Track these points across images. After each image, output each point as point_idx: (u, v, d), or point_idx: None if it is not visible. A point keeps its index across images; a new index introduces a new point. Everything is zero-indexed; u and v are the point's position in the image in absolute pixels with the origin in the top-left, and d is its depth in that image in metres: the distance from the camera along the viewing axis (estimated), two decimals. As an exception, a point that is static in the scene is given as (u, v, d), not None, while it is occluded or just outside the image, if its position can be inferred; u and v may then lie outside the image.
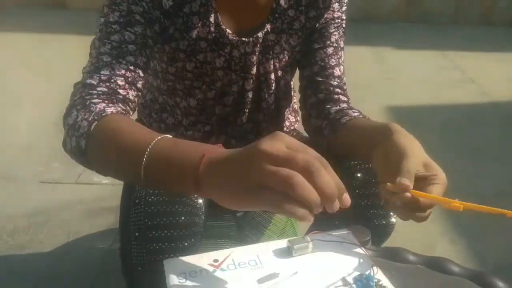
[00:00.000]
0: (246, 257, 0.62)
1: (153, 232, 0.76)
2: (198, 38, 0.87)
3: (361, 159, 0.86)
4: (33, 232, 1.69)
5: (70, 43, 3.63)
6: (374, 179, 0.85)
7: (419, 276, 0.70)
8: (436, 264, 0.73)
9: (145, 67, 0.83)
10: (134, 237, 0.77)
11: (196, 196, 0.85)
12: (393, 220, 0.91)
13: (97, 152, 0.70)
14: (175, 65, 0.90)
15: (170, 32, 0.85)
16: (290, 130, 1.14)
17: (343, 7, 0.97)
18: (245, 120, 1.01)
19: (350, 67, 1.00)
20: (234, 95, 0.97)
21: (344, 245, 0.66)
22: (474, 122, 2.80)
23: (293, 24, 0.93)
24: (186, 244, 0.77)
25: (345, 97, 0.98)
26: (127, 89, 0.79)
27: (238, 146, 1.14)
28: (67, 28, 3.94)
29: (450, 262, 0.74)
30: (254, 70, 0.95)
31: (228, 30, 0.88)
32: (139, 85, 0.82)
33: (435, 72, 3.62)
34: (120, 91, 0.78)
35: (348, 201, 0.51)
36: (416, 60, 3.83)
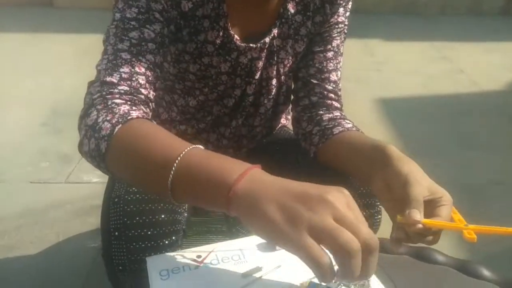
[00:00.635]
0: (229, 252, 0.62)
1: (133, 231, 0.75)
2: (206, 41, 0.86)
3: (356, 178, 0.84)
4: (23, 233, 1.68)
5: (58, 42, 3.61)
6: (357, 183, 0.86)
7: (404, 266, 0.71)
8: (421, 254, 0.74)
9: (161, 67, 0.81)
10: (114, 237, 0.76)
11: None
12: (379, 217, 0.92)
13: (119, 158, 0.66)
14: (178, 67, 0.88)
15: (183, 34, 0.83)
16: (279, 127, 1.13)
17: (347, 12, 0.96)
18: (240, 123, 1.01)
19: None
20: (236, 99, 0.97)
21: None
22: (464, 112, 2.81)
23: (300, 30, 0.92)
24: (167, 243, 0.76)
25: (339, 104, 0.97)
26: (148, 89, 0.76)
27: (229, 147, 1.12)
28: (54, 27, 3.91)
29: (435, 252, 0.75)
30: (258, 75, 0.94)
31: (236, 36, 0.87)
32: (157, 85, 0.79)
33: (424, 63, 3.63)
34: (142, 90, 0.75)
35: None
36: (405, 51, 3.84)
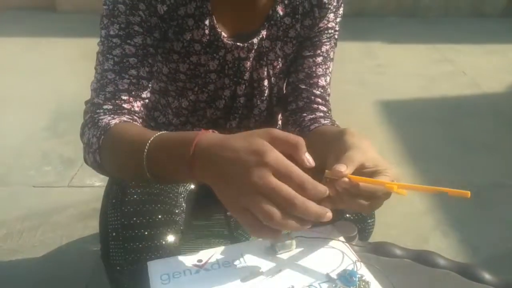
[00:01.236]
0: (230, 257, 0.62)
1: (130, 232, 0.78)
2: (192, 40, 0.87)
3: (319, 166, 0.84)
4: (26, 236, 1.68)
5: (60, 46, 3.62)
6: None
7: (405, 270, 0.70)
8: (423, 258, 0.74)
9: (149, 76, 0.84)
10: (112, 237, 0.78)
11: (176, 195, 0.86)
12: (372, 220, 0.92)
13: (109, 161, 0.74)
14: (169, 66, 0.90)
15: (169, 35, 0.85)
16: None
17: (338, 18, 0.96)
18: (235, 125, 1.01)
19: (341, 63, 1.00)
20: (226, 100, 0.97)
21: (328, 241, 0.66)
22: (466, 114, 2.81)
23: (289, 32, 0.92)
24: (164, 243, 0.78)
25: (325, 108, 0.97)
26: (132, 102, 0.82)
27: None
28: (57, 31, 3.92)
29: (437, 255, 0.74)
30: (247, 76, 0.95)
31: (224, 34, 0.88)
32: (144, 95, 0.83)
33: (426, 66, 3.63)
34: (125, 106, 0.81)
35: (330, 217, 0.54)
36: (407, 54, 3.84)
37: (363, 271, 0.60)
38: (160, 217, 0.80)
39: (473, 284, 0.69)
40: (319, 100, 0.96)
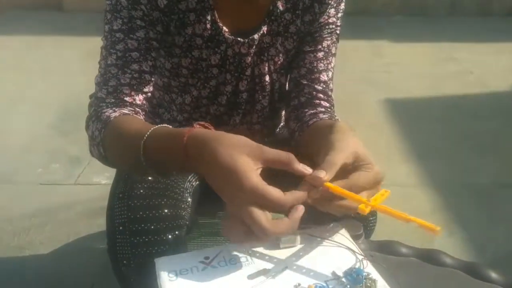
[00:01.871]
0: (237, 254, 0.62)
1: (136, 226, 0.78)
2: (194, 35, 0.87)
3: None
4: (33, 233, 1.70)
5: (67, 45, 3.64)
6: None
7: (412, 269, 0.71)
8: (429, 256, 0.74)
9: (152, 70, 0.86)
10: (118, 231, 0.79)
11: (182, 190, 0.86)
12: (374, 217, 0.92)
13: (111, 153, 0.78)
14: (171, 61, 0.90)
15: (171, 29, 0.86)
16: (282, 127, 1.14)
17: (339, 13, 0.95)
18: (239, 121, 1.01)
19: (347, 61, 1.00)
20: (228, 95, 0.97)
21: (334, 239, 0.66)
22: (472, 114, 2.79)
23: (289, 28, 0.93)
24: (170, 237, 0.79)
25: (328, 103, 0.96)
26: (133, 96, 0.83)
27: None
28: (63, 30, 3.94)
29: (443, 254, 0.74)
30: (249, 72, 0.95)
31: (225, 28, 0.88)
32: (147, 89, 0.85)
33: (433, 65, 3.61)
34: (126, 99, 0.83)
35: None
36: (414, 53, 3.82)
37: (370, 269, 0.60)
38: (167, 211, 0.81)
39: (480, 283, 0.69)
40: (321, 96, 0.96)
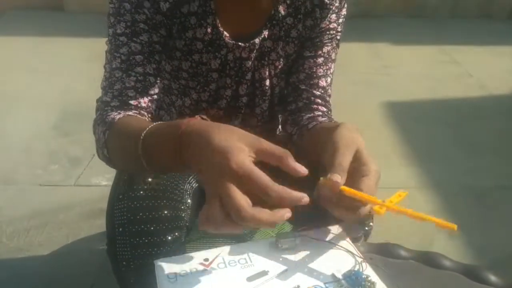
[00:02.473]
0: (236, 256, 0.62)
1: (136, 227, 0.79)
2: (195, 38, 0.88)
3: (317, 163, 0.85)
4: (33, 235, 1.70)
5: (68, 46, 3.64)
6: None
7: (411, 271, 0.71)
8: (428, 259, 0.74)
9: (156, 72, 0.85)
10: (118, 232, 0.79)
11: (181, 192, 0.87)
12: (370, 224, 0.92)
13: (113, 154, 0.78)
14: (171, 63, 0.91)
15: (173, 32, 0.87)
16: (279, 130, 1.14)
17: (340, 19, 0.95)
18: (238, 125, 1.01)
19: (348, 63, 1.00)
20: (228, 99, 0.97)
21: (334, 241, 0.66)
22: (472, 116, 2.80)
23: (290, 32, 0.92)
24: (170, 238, 0.79)
25: (325, 108, 0.96)
26: (138, 98, 0.83)
27: None
28: (65, 31, 3.94)
29: (442, 257, 0.74)
30: (249, 76, 0.95)
31: (226, 33, 0.88)
32: (152, 91, 0.85)
33: (433, 67, 3.61)
34: (131, 102, 0.82)
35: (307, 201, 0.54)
36: (414, 55, 3.82)
37: (369, 272, 0.60)
38: (166, 213, 0.81)
39: (479, 286, 0.69)
40: (319, 101, 0.96)
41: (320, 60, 0.96)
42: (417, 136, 2.52)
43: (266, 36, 0.91)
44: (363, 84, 3.11)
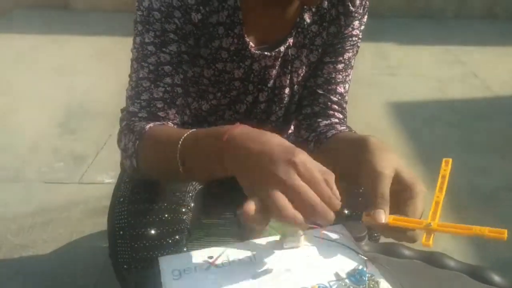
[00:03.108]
0: (241, 254, 0.62)
1: (136, 230, 0.78)
2: (220, 48, 0.86)
3: (343, 177, 0.85)
4: (37, 232, 1.70)
5: (73, 44, 3.65)
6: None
7: (415, 271, 0.70)
8: (432, 259, 0.74)
9: (184, 83, 0.84)
10: (119, 235, 0.79)
11: (183, 194, 0.86)
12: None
13: (144, 163, 0.77)
14: (193, 69, 0.89)
15: (201, 42, 0.85)
16: (288, 134, 1.14)
17: (362, 26, 0.95)
18: None
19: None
20: (247, 105, 0.97)
21: (338, 240, 0.66)
22: (477, 117, 2.79)
23: (315, 40, 0.92)
24: (171, 242, 0.79)
25: (341, 115, 0.96)
26: (166, 110, 0.82)
27: None
28: (71, 29, 3.95)
29: (446, 257, 0.74)
30: (271, 83, 0.94)
31: (251, 43, 0.87)
32: (178, 102, 0.84)
33: (438, 67, 3.60)
34: (160, 114, 0.82)
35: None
36: (418, 55, 3.81)
37: (373, 271, 0.60)
38: (167, 216, 0.81)
39: (483, 286, 0.69)
40: (336, 107, 0.95)
41: (340, 66, 0.95)
42: (422, 137, 2.51)
43: (291, 44, 0.91)
44: (368, 84, 3.10)
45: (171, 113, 0.83)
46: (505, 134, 2.60)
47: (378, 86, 3.17)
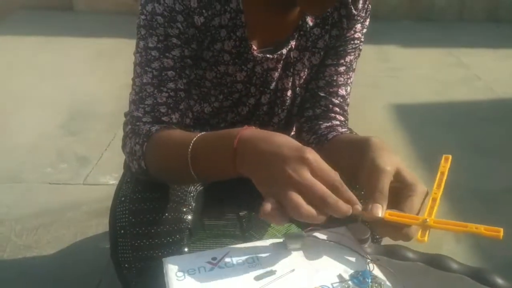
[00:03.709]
0: (244, 255, 0.62)
1: (137, 229, 0.79)
2: (222, 50, 0.87)
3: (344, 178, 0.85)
4: (41, 233, 1.71)
5: (77, 45, 3.66)
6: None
7: (418, 273, 0.71)
8: (435, 261, 0.74)
9: (187, 87, 0.85)
10: (120, 234, 0.80)
11: (185, 194, 0.87)
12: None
13: (154, 165, 0.78)
14: (195, 72, 0.89)
15: (204, 45, 0.86)
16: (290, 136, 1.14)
17: (364, 29, 0.96)
18: None
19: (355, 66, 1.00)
20: (250, 107, 0.97)
21: (341, 242, 0.66)
22: (480, 119, 2.78)
23: (317, 43, 0.92)
24: (171, 241, 0.79)
25: (343, 117, 0.96)
26: (170, 114, 0.83)
27: None
28: (74, 31, 3.96)
29: (449, 259, 0.74)
30: (273, 86, 0.95)
31: (254, 46, 0.88)
32: (182, 106, 0.85)
33: (440, 70, 3.60)
34: (164, 119, 0.83)
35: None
36: (421, 58, 3.81)
37: (376, 273, 0.61)
38: (168, 215, 0.81)
39: (486, 289, 0.69)
40: (337, 109, 0.95)
41: (342, 69, 0.95)
42: (424, 139, 2.51)
43: (293, 47, 0.91)
44: (370, 86, 3.11)
45: (174, 118, 0.84)
46: (508, 136, 2.60)
47: (381, 88, 3.17)
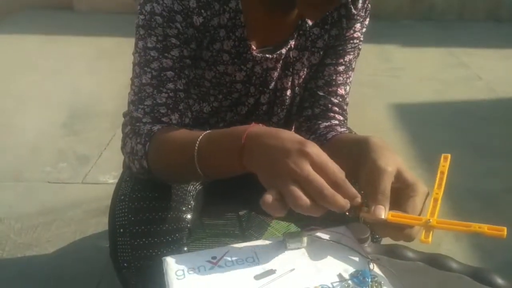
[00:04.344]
0: (244, 254, 0.62)
1: (137, 228, 0.79)
2: (222, 50, 0.86)
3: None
4: (41, 231, 1.71)
5: (77, 45, 3.66)
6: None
7: (418, 273, 0.70)
8: (435, 261, 0.74)
9: (186, 87, 0.85)
10: (119, 233, 0.80)
11: (184, 193, 0.87)
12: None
13: (157, 164, 0.78)
14: (195, 71, 0.89)
15: (203, 45, 0.85)
16: None
17: (364, 29, 0.96)
18: None
19: (356, 65, 1.00)
20: (249, 107, 0.97)
21: (341, 241, 0.66)
22: (480, 119, 2.78)
23: (317, 42, 0.92)
24: (171, 240, 0.79)
25: (342, 117, 0.96)
26: (170, 115, 0.83)
27: None
28: (74, 30, 3.97)
29: (449, 259, 0.74)
30: (272, 85, 0.95)
31: (253, 46, 0.88)
32: (181, 106, 0.84)
33: (441, 70, 3.60)
34: (163, 119, 0.82)
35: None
36: (422, 58, 3.81)
37: (376, 273, 0.60)
38: (167, 214, 0.81)
39: (486, 288, 0.69)
40: (336, 109, 0.95)
41: (341, 68, 0.95)
42: (425, 139, 2.51)
43: (293, 46, 0.91)
44: (371, 86, 3.11)
45: (174, 118, 0.83)
46: (508, 136, 2.59)
47: (381, 88, 3.17)
